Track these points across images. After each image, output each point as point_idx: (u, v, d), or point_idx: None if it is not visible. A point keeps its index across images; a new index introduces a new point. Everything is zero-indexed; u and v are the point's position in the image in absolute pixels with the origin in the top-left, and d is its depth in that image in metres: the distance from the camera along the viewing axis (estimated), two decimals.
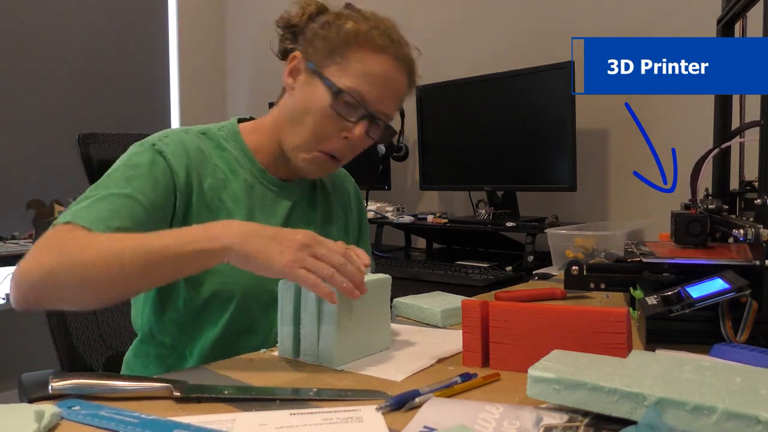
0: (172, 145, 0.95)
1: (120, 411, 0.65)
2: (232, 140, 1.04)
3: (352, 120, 0.96)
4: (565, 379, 0.58)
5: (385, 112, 0.99)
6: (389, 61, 0.97)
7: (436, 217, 2.27)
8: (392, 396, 0.65)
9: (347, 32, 0.96)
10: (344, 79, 0.95)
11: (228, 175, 1.01)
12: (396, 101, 1.01)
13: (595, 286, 1.02)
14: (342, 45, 0.96)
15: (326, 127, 0.97)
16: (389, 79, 0.97)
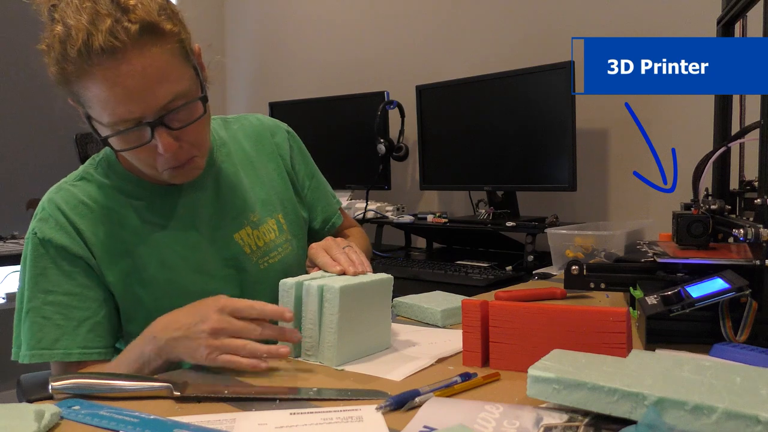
0: (51, 221, 0.91)
1: (120, 410, 0.65)
2: (111, 173, 0.97)
3: (147, 140, 0.83)
4: (564, 379, 0.58)
5: (161, 103, 0.81)
6: (105, 66, 0.77)
7: (436, 216, 2.27)
8: (392, 396, 0.65)
9: (55, 73, 0.82)
10: (98, 116, 0.82)
11: (119, 211, 0.95)
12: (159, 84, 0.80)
13: (595, 286, 1.02)
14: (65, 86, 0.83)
15: (143, 159, 0.87)
16: (124, 80, 0.78)
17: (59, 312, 0.89)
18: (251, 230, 1.03)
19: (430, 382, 0.70)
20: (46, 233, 0.91)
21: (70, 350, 0.89)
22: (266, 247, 1.04)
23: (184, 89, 0.84)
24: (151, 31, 0.79)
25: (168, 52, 0.81)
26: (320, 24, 2.99)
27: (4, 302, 2.71)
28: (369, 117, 2.45)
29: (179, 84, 0.83)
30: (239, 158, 1.07)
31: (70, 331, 0.89)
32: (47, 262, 0.90)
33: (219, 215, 1.01)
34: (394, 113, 2.49)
